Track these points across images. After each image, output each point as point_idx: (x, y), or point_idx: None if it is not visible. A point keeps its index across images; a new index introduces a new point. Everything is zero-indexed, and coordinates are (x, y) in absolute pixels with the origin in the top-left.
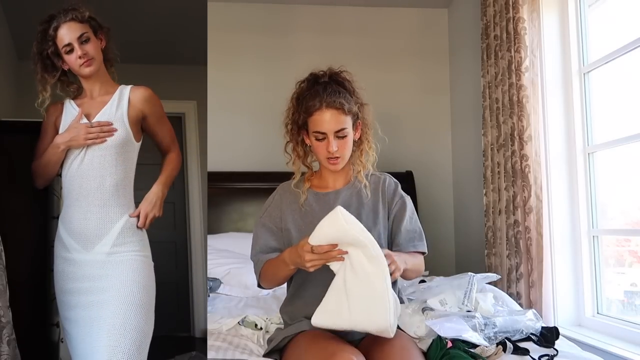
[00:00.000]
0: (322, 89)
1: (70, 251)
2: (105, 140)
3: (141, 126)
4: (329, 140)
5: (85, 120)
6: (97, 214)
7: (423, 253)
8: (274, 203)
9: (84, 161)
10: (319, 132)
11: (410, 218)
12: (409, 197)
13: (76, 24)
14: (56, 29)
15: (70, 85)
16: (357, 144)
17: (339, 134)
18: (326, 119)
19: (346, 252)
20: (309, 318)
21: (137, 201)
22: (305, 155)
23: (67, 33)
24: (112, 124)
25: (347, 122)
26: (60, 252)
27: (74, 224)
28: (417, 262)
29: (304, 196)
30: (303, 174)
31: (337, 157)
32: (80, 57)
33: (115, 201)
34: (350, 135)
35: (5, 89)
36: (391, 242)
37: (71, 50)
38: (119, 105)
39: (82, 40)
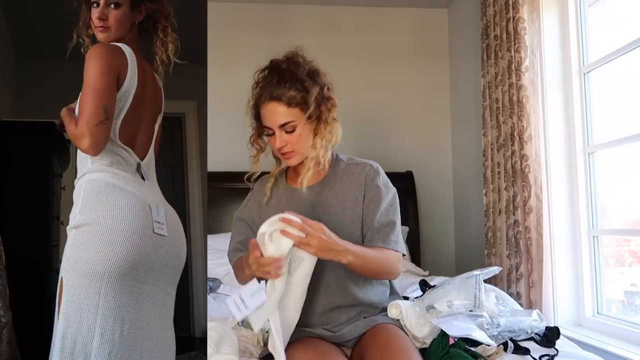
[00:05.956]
0: (276, 78)
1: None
2: None
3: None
4: (275, 135)
5: None
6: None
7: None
8: (252, 198)
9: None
10: (266, 127)
11: (387, 210)
12: (392, 188)
13: None
14: None
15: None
16: (315, 129)
17: (286, 128)
18: (269, 113)
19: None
20: (304, 326)
21: None
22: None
23: None
24: None
25: (293, 114)
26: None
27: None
28: (377, 256)
29: (268, 194)
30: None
31: (291, 152)
32: (98, 19)
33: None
34: (303, 127)
35: (5, 89)
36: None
37: (97, 4)
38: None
39: (110, 2)
